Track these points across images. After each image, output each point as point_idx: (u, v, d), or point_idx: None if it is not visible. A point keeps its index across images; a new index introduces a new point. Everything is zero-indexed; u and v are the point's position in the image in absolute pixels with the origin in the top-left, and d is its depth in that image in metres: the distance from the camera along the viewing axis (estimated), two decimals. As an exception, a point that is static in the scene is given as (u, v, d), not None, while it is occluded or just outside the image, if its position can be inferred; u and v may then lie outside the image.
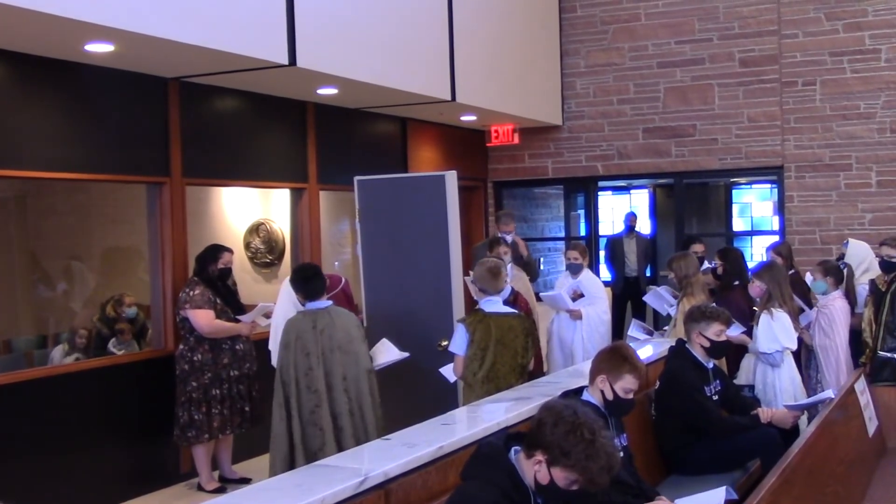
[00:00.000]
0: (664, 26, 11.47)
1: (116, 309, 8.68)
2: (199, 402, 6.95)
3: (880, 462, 6.07)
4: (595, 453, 3.13)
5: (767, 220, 14.88)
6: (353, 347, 6.00)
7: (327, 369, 5.92)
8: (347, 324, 6.07)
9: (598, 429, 3.18)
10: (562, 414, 3.21)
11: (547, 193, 13.87)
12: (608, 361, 4.53)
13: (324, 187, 9.44)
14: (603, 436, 3.18)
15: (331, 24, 7.66)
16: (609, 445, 3.19)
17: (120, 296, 8.78)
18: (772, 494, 3.84)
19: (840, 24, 10.66)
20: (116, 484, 7.06)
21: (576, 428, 3.16)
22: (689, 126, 11.38)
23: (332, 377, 5.92)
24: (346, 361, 5.96)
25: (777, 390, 6.37)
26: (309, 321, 6.00)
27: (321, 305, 6.07)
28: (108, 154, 7.17)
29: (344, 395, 5.91)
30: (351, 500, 3.36)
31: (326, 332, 5.94)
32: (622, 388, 4.48)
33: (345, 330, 6.02)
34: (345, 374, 5.94)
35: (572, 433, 3.15)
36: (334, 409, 5.91)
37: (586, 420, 3.19)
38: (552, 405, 3.31)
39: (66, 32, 5.90)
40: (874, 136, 10.58)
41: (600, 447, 3.15)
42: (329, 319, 5.99)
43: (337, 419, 5.90)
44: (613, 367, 4.49)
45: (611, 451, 3.18)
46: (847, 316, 7.35)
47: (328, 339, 5.93)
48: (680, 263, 7.42)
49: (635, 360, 4.54)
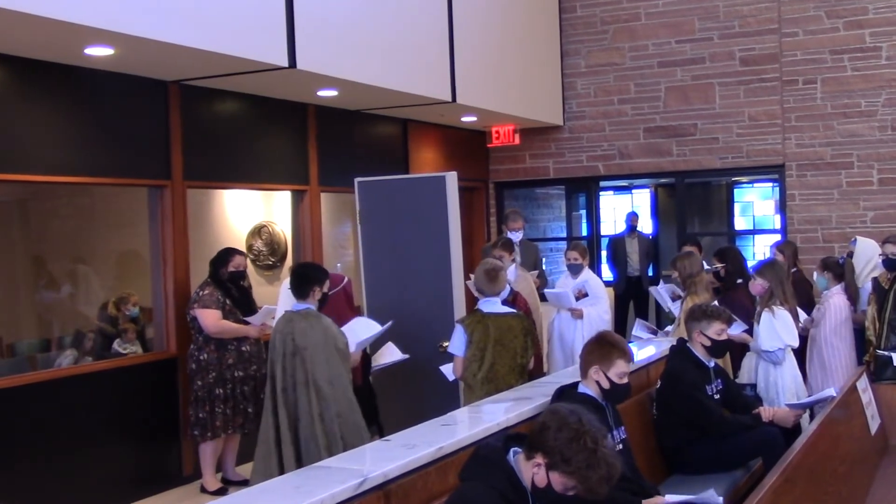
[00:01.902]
0: (664, 26, 11.46)
1: (120, 307, 8.68)
2: (204, 400, 7.03)
3: (883, 461, 6.05)
4: (596, 463, 3.12)
5: (769, 219, 14.87)
6: (318, 355, 5.91)
7: (289, 371, 5.93)
8: (320, 330, 5.95)
9: (601, 438, 3.17)
10: (566, 420, 3.20)
11: (548, 194, 13.86)
12: (597, 351, 4.58)
13: (325, 189, 9.45)
14: (605, 445, 3.17)
15: (330, 25, 7.66)
16: (611, 456, 3.17)
17: (126, 295, 8.79)
18: (773, 493, 3.83)
19: (840, 23, 10.65)
20: (120, 486, 7.06)
21: (580, 436, 3.15)
22: (690, 125, 11.37)
23: (293, 380, 5.92)
24: (312, 366, 5.91)
25: (779, 389, 6.37)
26: (283, 322, 6.06)
27: (298, 307, 6.09)
28: (109, 157, 7.19)
29: (314, 399, 5.87)
30: (350, 501, 3.35)
31: (292, 335, 5.95)
32: (616, 373, 4.53)
33: (314, 335, 5.93)
34: (306, 380, 5.90)
35: (575, 440, 3.14)
36: (291, 412, 5.92)
37: (590, 428, 3.18)
38: (557, 409, 3.30)
39: (65, 36, 5.91)
40: (875, 133, 10.57)
41: (602, 457, 3.13)
42: (303, 323, 5.97)
43: (298, 422, 5.92)
44: (603, 356, 4.54)
45: (612, 461, 3.17)
46: (844, 311, 7.35)
47: (291, 342, 5.94)
48: (684, 262, 7.42)
49: (622, 345, 4.62)
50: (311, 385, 5.88)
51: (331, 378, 5.89)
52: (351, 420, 5.92)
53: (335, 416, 5.87)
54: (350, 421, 5.92)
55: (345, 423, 5.89)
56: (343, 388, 5.94)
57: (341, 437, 5.83)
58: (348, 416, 5.92)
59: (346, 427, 5.89)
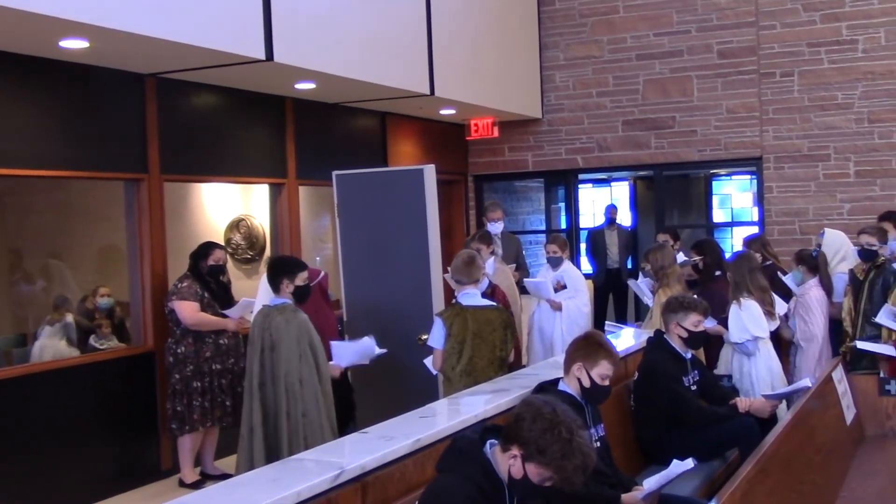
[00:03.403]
0: (643, 19, 11.49)
1: (92, 301, 8.62)
2: (181, 393, 7.00)
3: (858, 450, 6.08)
4: (571, 452, 3.12)
5: (747, 211, 14.95)
6: (292, 351, 5.91)
7: (267, 366, 5.92)
8: (295, 326, 5.95)
9: (576, 428, 3.17)
10: (541, 410, 3.20)
11: (527, 187, 13.87)
12: (583, 349, 4.56)
13: (303, 182, 9.42)
14: (580, 435, 3.17)
15: (308, 18, 7.63)
16: (586, 445, 3.17)
17: (95, 289, 8.72)
18: (747, 483, 3.84)
19: (817, 16, 10.70)
20: (98, 481, 7.03)
21: (554, 426, 3.15)
22: (669, 118, 11.41)
23: (272, 374, 5.92)
24: (286, 363, 5.91)
25: (754, 379, 6.40)
26: (261, 316, 6.06)
27: (276, 302, 6.08)
28: (85, 151, 7.14)
29: (283, 395, 5.87)
30: (327, 493, 3.35)
31: (269, 330, 5.94)
32: (599, 374, 4.52)
33: (289, 331, 5.92)
34: (280, 375, 5.90)
35: (550, 431, 3.14)
36: (268, 407, 5.92)
37: (565, 419, 3.18)
38: (532, 401, 3.30)
39: (40, 29, 5.85)
40: (852, 126, 10.63)
41: (577, 447, 3.13)
42: (279, 318, 5.96)
43: (273, 418, 5.92)
44: (589, 355, 4.53)
45: (587, 451, 3.17)
46: (824, 304, 7.39)
47: (269, 336, 5.94)
48: (656, 255, 7.45)
49: (609, 347, 4.60)
50: (282, 381, 5.89)
51: (302, 376, 5.90)
52: (317, 422, 5.91)
53: (300, 415, 5.87)
54: (316, 422, 5.90)
55: (309, 423, 5.89)
56: (313, 389, 5.93)
57: (304, 437, 5.83)
58: (314, 417, 5.91)
59: (310, 428, 5.88)
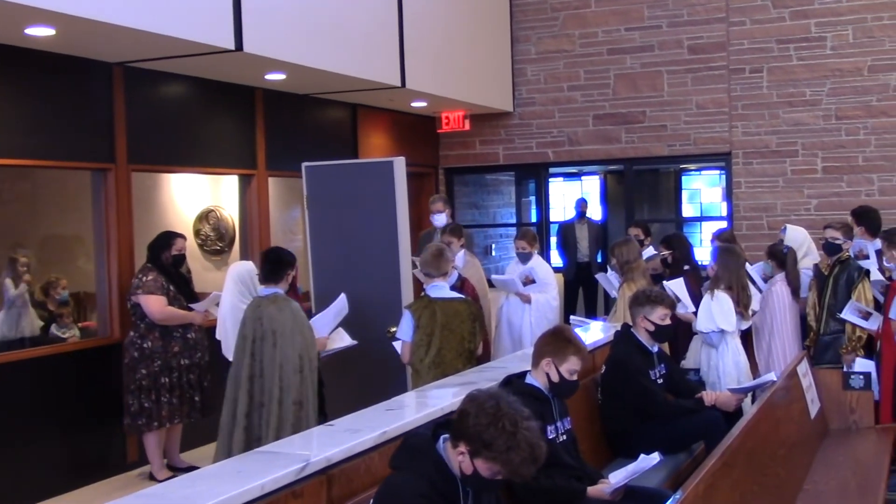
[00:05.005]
0: (614, 13, 11.52)
1: (49, 292, 8.45)
2: (149, 389, 6.91)
3: (822, 444, 6.14)
4: (516, 445, 3.10)
5: (716, 206, 15.00)
6: (288, 339, 5.89)
7: (258, 357, 5.90)
8: (289, 314, 5.93)
9: (520, 420, 3.13)
10: (484, 405, 3.17)
11: (498, 180, 13.88)
12: (552, 344, 4.56)
13: (273, 174, 9.37)
14: (525, 427, 3.13)
15: (278, 8, 7.58)
16: (532, 437, 3.14)
17: (54, 280, 8.57)
18: (712, 476, 3.86)
19: (787, 12, 10.78)
20: (63, 474, 6.98)
21: (497, 419, 3.12)
22: (639, 113, 11.45)
23: (262, 365, 5.89)
24: (282, 351, 5.89)
25: (720, 373, 6.45)
26: (252, 308, 6.02)
27: (266, 292, 6.05)
28: (52, 140, 7.06)
29: (277, 383, 5.85)
30: (292, 486, 3.34)
31: (261, 320, 5.91)
32: (567, 369, 4.52)
33: (284, 319, 5.91)
34: (277, 363, 5.88)
35: (493, 425, 3.11)
36: (254, 398, 5.89)
37: (508, 411, 3.15)
38: (476, 395, 3.26)
39: (5, 15, 5.78)
40: (819, 122, 10.72)
41: (522, 439, 3.11)
42: (272, 307, 5.93)
43: (259, 408, 5.89)
44: (558, 350, 4.52)
45: (534, 442, 3.14)
46: (787, 298, 7.47)
47: (261, 326, 5.91)
48: (622, 249, 7.50)
49: (578, 342, 4.60)
50: (276, 370, 5.85)
51: (298, 365, 5.88)
52: (305, 412, 5.90)
53: (292, 403, 5.85)
54: (305, 412, 5.90)
55: (299, 411, 5.87)
56: (310, 378, 5.92)
57: (292, 424, 5.81)
58: (308, 406, 5.90)
59: (300, 417, 5.87)
